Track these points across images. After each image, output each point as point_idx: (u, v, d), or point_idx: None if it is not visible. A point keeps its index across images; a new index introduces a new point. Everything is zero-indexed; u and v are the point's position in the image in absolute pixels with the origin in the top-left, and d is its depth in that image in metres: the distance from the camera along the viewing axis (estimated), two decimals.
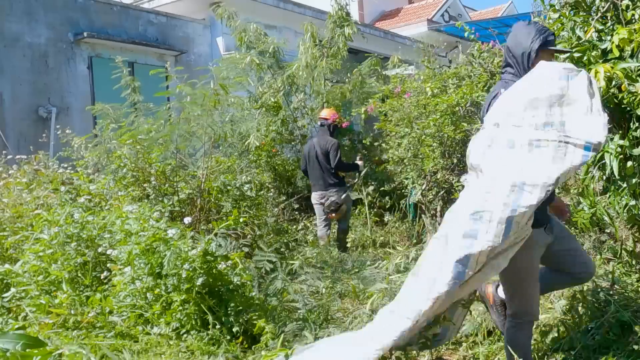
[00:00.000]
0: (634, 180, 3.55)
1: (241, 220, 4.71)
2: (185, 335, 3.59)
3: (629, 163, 3.50)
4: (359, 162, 6.75)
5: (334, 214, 6.34)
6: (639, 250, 4.34)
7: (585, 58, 3.44)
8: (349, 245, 6.66)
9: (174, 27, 11.08)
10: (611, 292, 3.64)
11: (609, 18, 3.59)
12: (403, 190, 6.95)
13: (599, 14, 3.58)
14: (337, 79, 8.84)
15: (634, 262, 4.26)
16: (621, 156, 3.44)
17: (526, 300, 2.80)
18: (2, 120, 8.64)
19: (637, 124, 3.50)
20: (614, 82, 3.25)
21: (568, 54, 3.35)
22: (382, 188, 7.69)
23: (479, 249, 2.45)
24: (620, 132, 3.59)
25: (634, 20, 3.39)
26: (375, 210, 7.68)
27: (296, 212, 7.60)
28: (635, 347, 3.20)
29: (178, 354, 3.38)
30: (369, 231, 7.20)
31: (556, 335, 3.35)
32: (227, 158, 6.93)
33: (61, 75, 9.37)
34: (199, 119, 5.56)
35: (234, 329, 3.64)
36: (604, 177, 3.88)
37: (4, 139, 8.45)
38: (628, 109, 3.46)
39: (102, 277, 4.14)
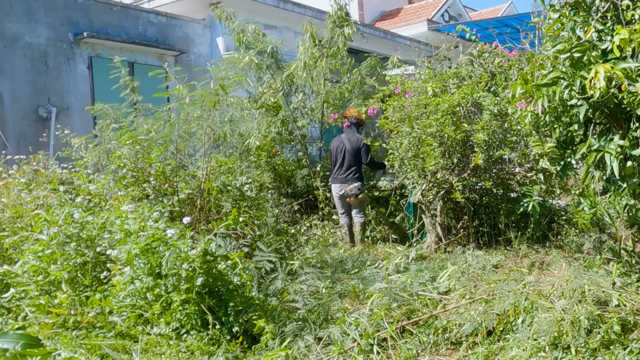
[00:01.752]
0: (634, 180, 3.55)
1: (241, 220, 4.71)
2: (185, 335, 3.59)
3: (629, 163, 3.50)
4: (387, 162, 7.14)
5: (353, 198, 6.81)
6: (639, 250, 4.34)
7: (585, 58, 3.44)
8: (358, 235, 6.91)
9: (173, 27, 11.08)
10: (611, 292, 3.63)
11: (609, 18, 3.59)
12: (403, 190, 6.96)
13: (599, 14, 3.58)
14: (337, 79, 8.82)
15: (634, 262, 4.26)
16: (621, 156, 3.44)
17: None
18: (2, 120, 8.63)
19: (637, 124, 3.50)
20: (614, 82, 3.25)
21: (568, 54, 3.35)
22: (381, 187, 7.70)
23: None
24: (621, 132, 3.59)
25: (634, 21, 3.39)
26: (377, 208, 7.68)
27: (297, 214, 7.59)
28: (636, 346, 3.20)
29: (178, 354, 3.38)
30: (369, 231, 7.20)
31: (556, 334, 3.34)
32: (227, 158, 6.92)
33: (61, 75, 9.37)
34: (199, 120, 5.56)
35: (234, 329, 3.64)
36: (604, 178, 3.88)
37: (4, 139, 8.45)
38: (628, 109, 3.47)
39: (102, 277, 4.14)
